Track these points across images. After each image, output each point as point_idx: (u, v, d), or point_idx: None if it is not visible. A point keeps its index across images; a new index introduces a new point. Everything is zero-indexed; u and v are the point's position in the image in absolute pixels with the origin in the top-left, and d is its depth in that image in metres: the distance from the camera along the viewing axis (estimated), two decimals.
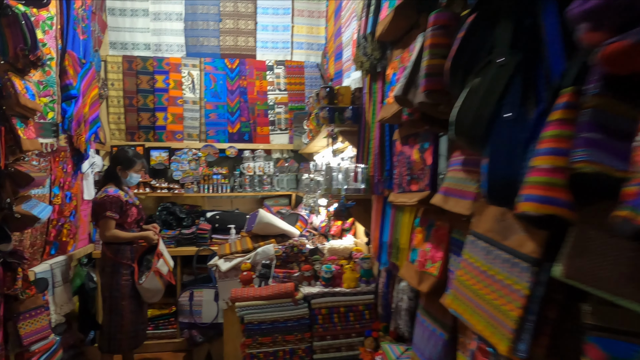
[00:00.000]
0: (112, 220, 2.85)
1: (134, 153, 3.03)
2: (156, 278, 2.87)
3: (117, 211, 2.86)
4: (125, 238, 2.90)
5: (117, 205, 2.86)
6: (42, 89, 2.54)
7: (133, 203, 2.99)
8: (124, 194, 2.93)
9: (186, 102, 4.07)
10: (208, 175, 3.98)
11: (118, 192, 2.90)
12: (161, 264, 2.92)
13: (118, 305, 2.82)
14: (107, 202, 2.84)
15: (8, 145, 2.04)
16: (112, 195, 2.88)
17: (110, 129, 3.98)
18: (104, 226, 2.86)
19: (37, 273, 2.49)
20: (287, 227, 2.90)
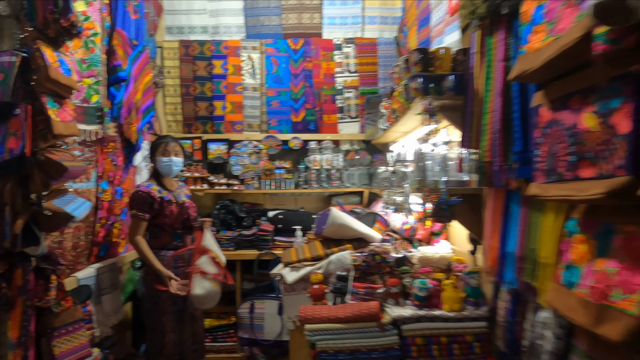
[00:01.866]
0: (140, 220, 2.42)
1: (161, 137, 2.60)
2: (203, 280, 2.44)
3: (147, 209, 2.42)
4: (142, 253, 2.44)
5: (146, 202, 2.42)
6: (86, 68, 2.22)
7: (173, 200, 2.53)
8: (158, 189, 2.49)
9: (246, 88, 3.68)
10: (270, 169, 3.56)
11: (150, 187, 2.47)
12: (204, 262, 2.47)
13: (158, 322, 2.42)
14: (134, 198, 2.44)
15: (38, 129, 1.69)
16: (141, 190, 2.45)
17: (166, 120, 3.68)
18: (131, 225, 2.47)
19: (80, 279, 2.17)
20: (366, 229, 2.36)
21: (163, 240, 2.50)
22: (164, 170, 2.55)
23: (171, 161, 2.53)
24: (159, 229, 2.50)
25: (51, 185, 1.74)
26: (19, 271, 1.70)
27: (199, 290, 2.39)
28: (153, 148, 2.57)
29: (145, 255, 2.42)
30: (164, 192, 2.51)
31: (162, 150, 2.53)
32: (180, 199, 2.58)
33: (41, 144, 1.72)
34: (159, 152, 2.53)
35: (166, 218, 2.48)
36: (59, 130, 1.72)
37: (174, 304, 2.43)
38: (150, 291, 2.45)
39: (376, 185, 3.29)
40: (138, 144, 2.82)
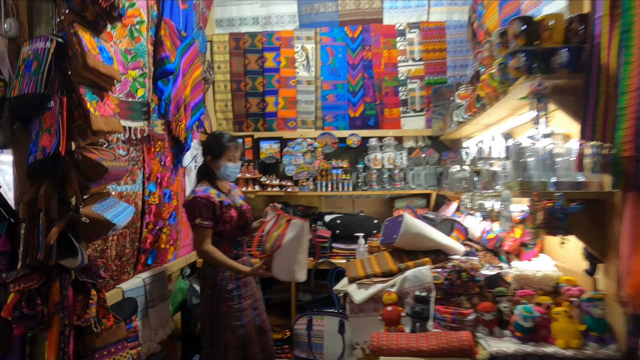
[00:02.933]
0: (205, 229, 2.16)
1: (226, 136, 2.31)
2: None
3: (209, 216, 2.16)
4: (219, 263, 2.17)
5: (208, 208, 2.15)
6: (131, 59, 2.02)
7: (232, 204, 2.26)
8: (216, 193, 2.22)
9: (299, 82, 3.40)
10: (326, 169, 3.26)
11: (208, 192, 2.19)
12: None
13: (219, 338, 2.17)
14: (194, 206, 2.16)
15: (76, 125, 1.49)
16: (199, 196, 2.17)
17: (217, 118, 3.49)
18: (197, 237, 2.21)
19: (125, 291, 1.97)
20: (446, 240, 2.00)
21: (223, 250, 2.20)
22: (227, 176, 2.32)
23: (237, 168, 2.34)
24: (219, 238, 2.22)
25: (90, 188, 1.53)
26: (56, 285, 1.50)
27: (291, 233, 2.13)
28: (218, 150, 2.26)
29: (222, 263, 2.16)
30: (222, 195, 2.24)
31: (231, 154, 2.28)
32: (237, 201, 2.32)
33: (80, 142, 1.51)
34: (225, 157, 2.27)
35: (226, 224, 2.20)
36: (99, 126, 1.50)
37: (237, 320, 2.17)
38: (210, 305, 2.20)
39: (446, 187, 2.90)
40: (187, 143, 2.62)
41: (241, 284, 2.22)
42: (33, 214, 1.42)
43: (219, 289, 2.17)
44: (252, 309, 2.25)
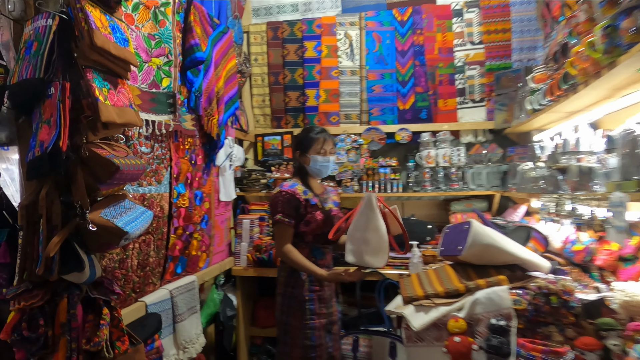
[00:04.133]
0: (286, 226, 2.01)
1: (316, 128, 2.15)
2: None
3: (292, 213, 2.00)
4: (294, 263, 1.99)
5: (291, 204, 2.01)
6: (155, 45, 1.80)
7: (319, 206, 2.05)
8: (303, 190, 2.06)
9: (343, 72, 3.10)
10: (372, 168, 2.93)
11: (294, 187, 2.05)
12: None
13: (287, 356, 2.00)
14: (277, 201, 2.04)
15: (84, 116, 1.27)
16: (284, 190, 2.04)
17: (254, 114, 3.26)
18: (276, 234, 2.07)
19: (149, 305, 1.75)
20: (526, 253, 1.62)
21: (301, 253, 2.02)
22: (317, 172, 2.12)
23: (328, 162, 2.11)
24: (299, 240, 2.04)
25: (99, 190, 1.31)
26: (64, 303, 1.29)
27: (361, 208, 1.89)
28: (306, 143, 2.11)
29: (297, 263, 1.98)
30: (310, 194, 2.07)
31: (319, 147, 2.08)
32: (327, 205, 2.12)
33: (89, 136, 1.30)
34: (314, 150, 2.08)
35: (308, 226, 2.01)
36: (109, 117, 1.28)
37: (306, 338, 1.96)
38: (280, 316, 2.05)
39: (514, 187, 2.50)
40: (220, 140, 2.39)
41: (315, 298, 1.99)
42: (33, 220, 1.22)
43: (290, 299, 2.00)
44: (326, 332, 2.00)
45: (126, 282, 1.68)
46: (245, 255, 2.68)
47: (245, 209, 2.97)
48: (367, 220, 1.84)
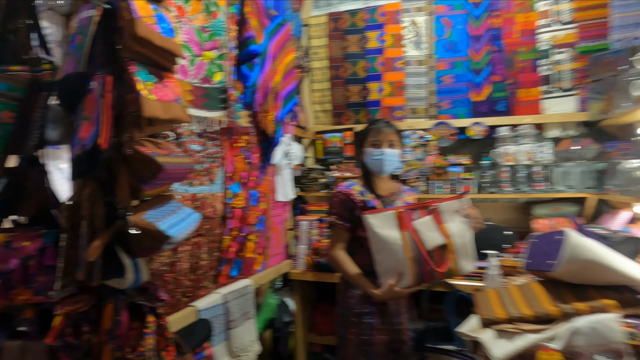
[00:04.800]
0: (339, 229, 1.86)
1: (373, 120, 1.99)
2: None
3: (346, 216, 1.85)
4: (342, 272, 1.86)
5: (345, 206, 1.86)
6: (207, 37, 1.72)
7: (379, 207, 1.83)
8: (360, 191, 1.89)
9: (409, 63, 2.86)
10: (441, 167, 2.67)
11: (351, 188, 1.90)
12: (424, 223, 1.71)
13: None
14: (333, 202, 1.92)
15: (128, 112, 1.19)
16: (340, 190, 1.91)
17: (313, 110, 3.12)
18: (331, 237, 1.93)
19: (200, 310, 1.67)
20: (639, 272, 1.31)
21: (361, 261, 1.83)
22: (374, 167, 1.91)
23: (383, 154, 1.87)
24: (358, 245, 1.86)
25: (143, 191, 1.22)
26: (109, 309, 1.23)
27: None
28: (360, 137, 1.98)
29: (345, 272, 1.84)
30: (369, 195, 1.89)
31: (372, 139, 1.90)
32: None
33: (134, 133, 1.22)
34: (367, 143, 1.92)
35: (362, 231, 1.79)
36: (153, 112, 1.19)
37: (363, 355, 1.77)
38: (336, 326, 1.92)
39: (615, 189, 2.11)
40: (276, 137, 2.27)
41: (376, 311, 1.78)
42: (75, 221, 1.16)
43: (347, 309, 1.82)
44: (390, 351, 1.78)
45: (177, 286, 1.61)
46: (304, 258, 2.56)
47: (304, 209, 2.85)
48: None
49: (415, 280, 1.65)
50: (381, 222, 1.68)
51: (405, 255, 1.63)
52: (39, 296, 1.22)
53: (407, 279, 1.64)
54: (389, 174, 1.94)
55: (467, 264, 1.71)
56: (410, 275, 1.64)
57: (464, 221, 1.72)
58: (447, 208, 1.73)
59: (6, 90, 1.18)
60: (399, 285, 1.64)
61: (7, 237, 1.21)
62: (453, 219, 1.72)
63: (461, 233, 1.70)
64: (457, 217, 1.72)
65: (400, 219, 1.68)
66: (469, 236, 1.72)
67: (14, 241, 1.20)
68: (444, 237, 1.67)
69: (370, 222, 1.69)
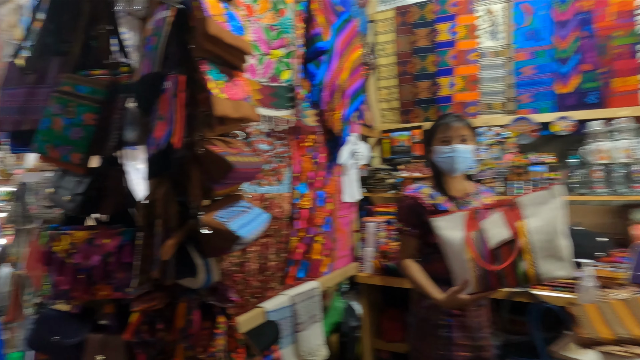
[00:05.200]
0: (407, 236, 1.75)
1: (441, 115, 1.88)
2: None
3: (414, 222, 1.72)
4: (410, 279, 1.73)
5: (412, 211, 1.73)
6: (275, 35, 1.70)
7: (451, 210, 1.67)
8: (430, 194, 1.74)
9: (483, 55, 2.67)
10: (522, 166, 2.45)
11: (419, 191, 1.76)
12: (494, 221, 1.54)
13: None
14: (400, 207, 1.83)
15: (199, 111, 1.19)
16: (407, 194, 1.79)
17: (380, 109, 3.02)
18: (400, 244, 1.83)
19: (268, 312, 1.65)
20: None
21: (436, 268, 1.68)
22: (445, 166, 1.75)
23: (454, 151, 1.70)
24: (432, 251, 1.69)
25: (213, 190, 1.22)
26: (182, 307, 1.24)
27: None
28: (429, 135, 1.85)
29: (413, 280, 1.71)
30: (440, 198, 1.74)
31: (441, 136, 1.75)
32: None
33: (205, 133, 1.22)
34: (437, 140, 1.77)
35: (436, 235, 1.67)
36: (224, 111, 1.18)
37: None
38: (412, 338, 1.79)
39: None
40: (343, 137, 2.21)
41: (455, 324, 1.63)
42: (151, 220, 1.18)
43: (423, 321, 1.70)
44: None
45: (245, 287, 1.60)
46: (371, 261, 2.47)
47: (370, 211, 2.76)
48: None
49: (479, 285, 1.47)
50: (449, 224, 1.56)
51: (465, 256, 1.48)
52: (118, 292, 1.26)
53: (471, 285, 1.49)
54: (462, 172, 1.78)
55: (554, 268, 1.42)
56: (472, 278, 1.48)
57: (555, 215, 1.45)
58: (531, 201, 1.51)
59: (89, 93, 1.23)
60: (464, 292, 1.48)
61: (89, 235, 1.26)
62: (538, 214, 1.48)
63: (546, 229, 1.44)
64: (544, 211, 1.47)
65: (470, 219, 1.54)
66: (560, 233, 1.44)
67: (95, 238, 1.25)
68: (511, 232, 1.45)
69: (437, 224, 1.57)
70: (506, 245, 1.45)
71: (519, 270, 1.42)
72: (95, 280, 1.25)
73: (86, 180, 1.26)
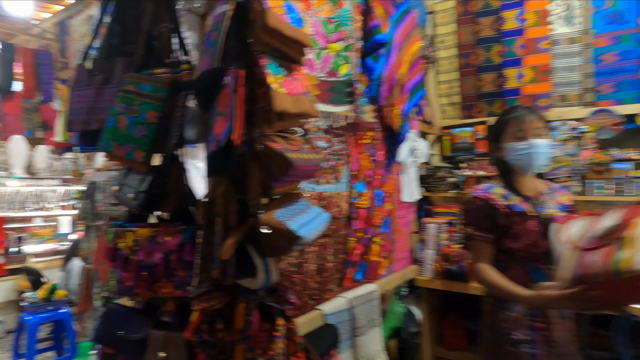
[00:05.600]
0: (480, 242, 1.57)
1: (510, 108, 1.68)
2: None
3: (487, 226, 1.56)
4: (488, 284, 1.52)
5: (485, 215, 1.56)
6: (333, 28, 1.64)
7: (531, 213, 1.52)
8: (503, 194, 1.57)
9: (556, 42, 2.46)
10: (602, 163, 2.22)
11: (489, 192, 1.60)
12: None
13: None
14: (468, 210, 1.64)
15: (259, 107, 1.15)
16: (477, 196, 1.61)
17: (439, 104, 2.88)
18: (471, 251, 1.65)
19: (326, 314, 1.60)
20: None
21: (512, 276, 1.49)
22: (521, 163, 1.58)
23: (532, 147, 1.54)
24: (507, 258, 1.56)
25: (273, 188, 1.18)
26: (241, 307, 1.21)
27: None
28: (496, 130, 1.67)
29: (491, 284, 1.50)
30: (514, 198, 1.57)
31: (513, 130, 1.57)
32: (545, 211, 1.57)
33: (264, 129, 1.18)
34: (508, 135, 1.59)
35: (518, 241, 1.52)
36: (283, 106, 1.13)
37: None
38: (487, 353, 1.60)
39: None
40: (402, 133, 2.11)
41: (539, 339, 1.46)
42: (211, 218, 1.16)
43: (499, 335, 1.52)
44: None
45: (304, 288, 1.55)
46: (431, 264, 2.35)
47: (430, 211, 2.63)
48: None
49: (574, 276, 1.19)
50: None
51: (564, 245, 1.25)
52: (179, 290, 1.26)
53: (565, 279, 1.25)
54: (538, 170, 1.62)
55: None
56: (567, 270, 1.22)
57: None
58: None
59: (151, 91, 1.23)
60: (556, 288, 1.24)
61: (152, 232, 1.26)
62: None
63: None
64: None
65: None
66: None
67: (157, 236, 1.25)
68: (621, 221, 1.20)
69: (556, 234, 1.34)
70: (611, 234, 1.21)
71: (615, 258, 1.19)
72: (158, 278, 1.26)
73: (149, 178, 1.26)
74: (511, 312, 1.49)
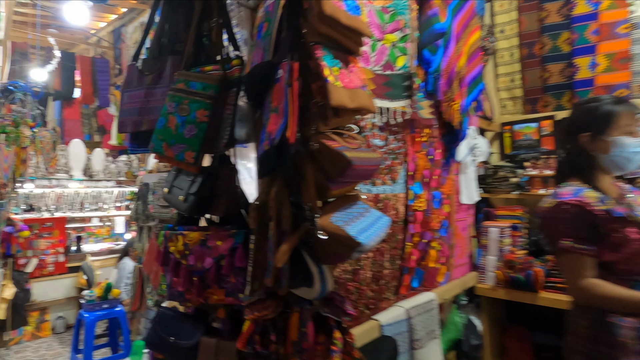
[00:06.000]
0: (582, 256, 1.32)
1: (604, 98, 1.42)
2: None
3: (586, 236, 1.32)
4: (611, 301, 1.29)
5: (583, 223, 1.32)
6: (389, 18, 1.53)
7: (630, 218, 1.31)
8: (597, 197, 1.34)
9: (637, 26, 2.20)
10: None
11: (581, 194, 1.35)
12: None
13: None
14: (560, 218, 1.36)
15: (313, 102, 1.07)
16: (567, 201, 1.35)
17: (499, 98, 2.68)
18: (565, 267, 1.39)
19: (383, 326, 1.49)
20: None
21: None
22: (621, 164, 1.39)
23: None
24: (603, 271, 1.34)
25: (329, 190, 1.08)
26: (295, 318, 1.13)
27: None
28: (599, 120, 1.39)
29: (615, 299, 1.29)
30: (610, 201, 1.34)
31: (624, 123, 1.36)
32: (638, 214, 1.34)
33: (319, 126, 1.09)
34: (618, 128, 1.36)
35: (617, 252, 1.31)
36: (340, 100, 1.04)
37: None
38: None
39: None
40: (462, 130, 1.96)
41: None
42: (263, 222, 1.09)
43: (599, 355, 1.31)
44: None
45: (359, 297, 1.45)
46: (494, 271, 2.17)
47: (490, 214, 2.44)
48: None
49: None
50: None
51: None
52: (230, 297, 1.20)
53: None
54: (634, 170, 1.42)
55: None
56: None
57: None
58: None
59: (201, 89, 1.18)
60: None
61: (202, 236, 1.21)
62: None
63: None
64: None
65: None
66: None
67: (208, 240, 1.20)
68: None
69: None
70: None
71: None
72: (209, 284, 1.20)
73: (198, 179, 1.21)
74: (618, 337, 1.27)
